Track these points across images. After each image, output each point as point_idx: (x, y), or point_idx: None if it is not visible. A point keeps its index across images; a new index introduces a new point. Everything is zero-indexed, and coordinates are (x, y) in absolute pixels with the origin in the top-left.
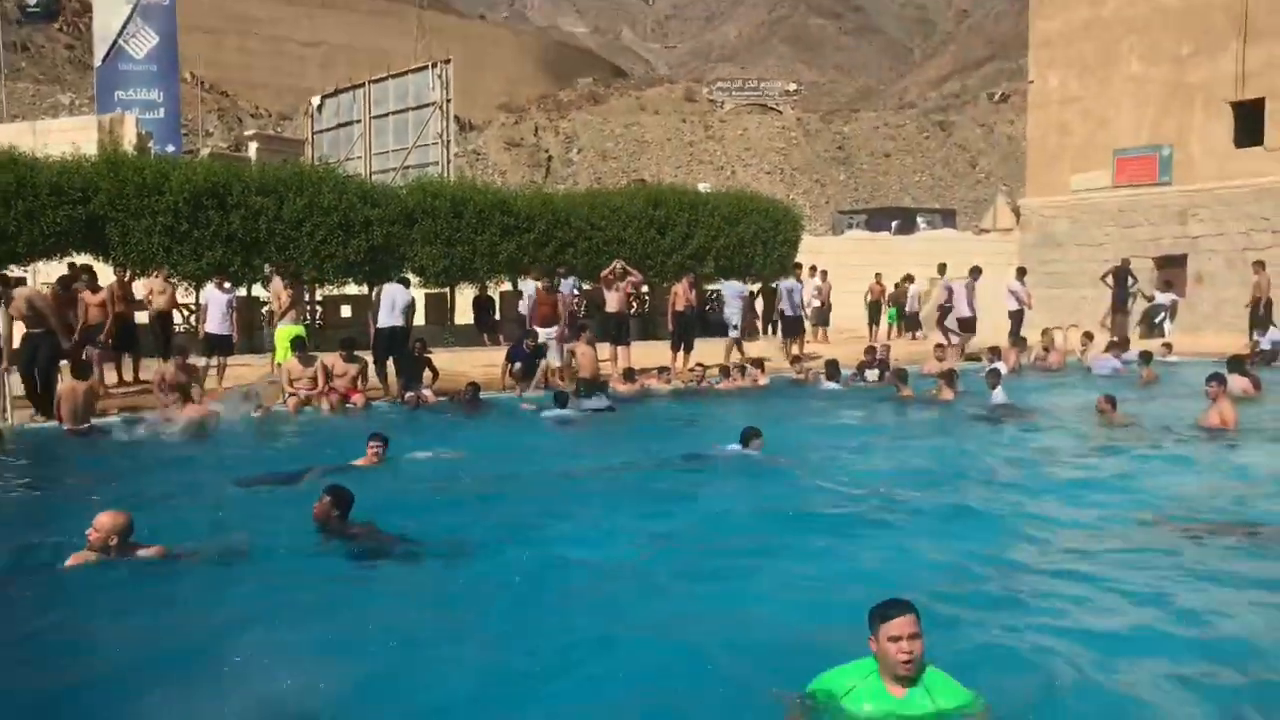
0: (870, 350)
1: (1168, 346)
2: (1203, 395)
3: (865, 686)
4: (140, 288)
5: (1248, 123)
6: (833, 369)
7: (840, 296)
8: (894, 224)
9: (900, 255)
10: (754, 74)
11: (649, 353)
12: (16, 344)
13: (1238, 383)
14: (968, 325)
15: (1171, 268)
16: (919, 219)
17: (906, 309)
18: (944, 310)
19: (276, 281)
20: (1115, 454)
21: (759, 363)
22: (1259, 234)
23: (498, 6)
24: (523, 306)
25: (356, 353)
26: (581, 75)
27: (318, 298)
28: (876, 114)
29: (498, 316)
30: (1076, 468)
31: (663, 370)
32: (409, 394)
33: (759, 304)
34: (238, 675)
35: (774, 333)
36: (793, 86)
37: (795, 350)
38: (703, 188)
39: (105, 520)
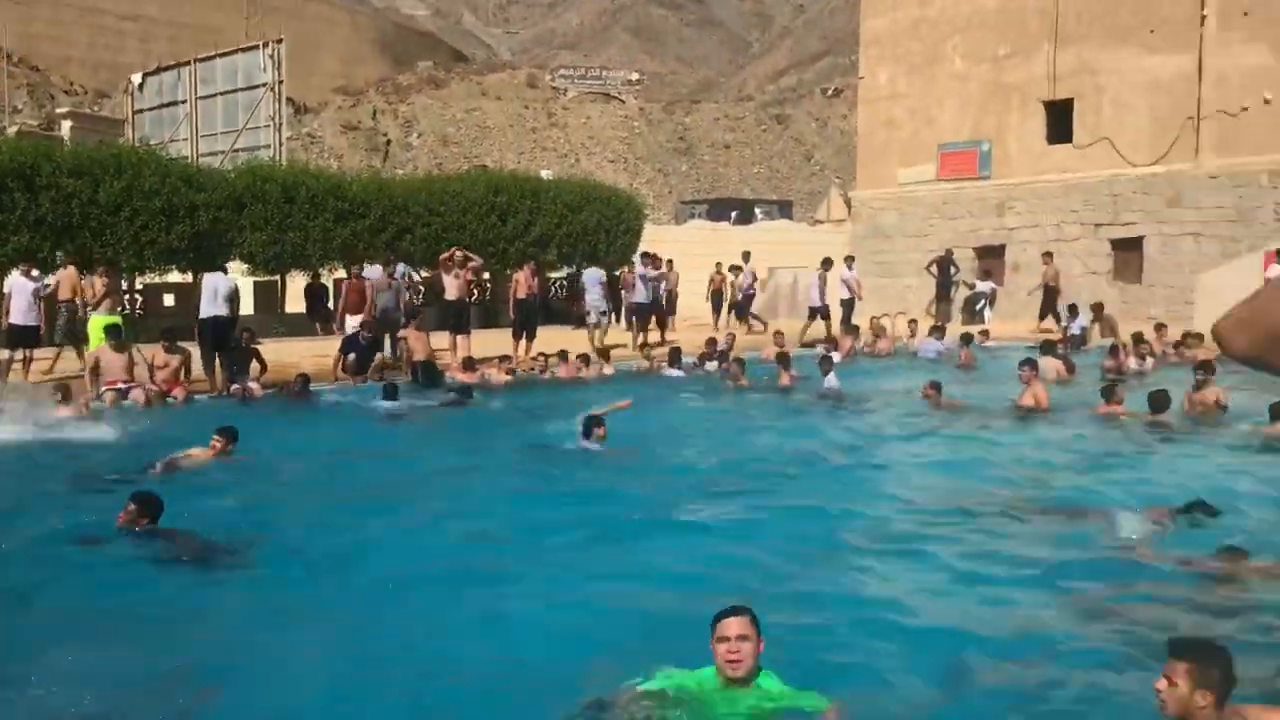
0: (711, 341)
1: (985, 334)
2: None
3: (702, 688)
4: None
5: (1059, 121)
6: (675, 356)
7: (683, 285)
8: (733, 214)
9: (739, 245)
10: (596, 62)
11: (490, 341)
12: None
13: (1050, 365)
14: (821, 313)
15: (991, 257)
16: (757, 210)
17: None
18: (748, 298)
19: (71, 271)
20: (939, 437)
21: (605, 352)
22: (1069, 225)
23: None
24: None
25: (180, 344)
26: (422, 59)
27: (137, 286)
28: (717, 105)
29: (330, 305)
30: (904, 450)
31: (504, 359)
32: (234, 386)
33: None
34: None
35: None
36: (635, 76)
37: (643, 338)
38: (545, 175)
39: None
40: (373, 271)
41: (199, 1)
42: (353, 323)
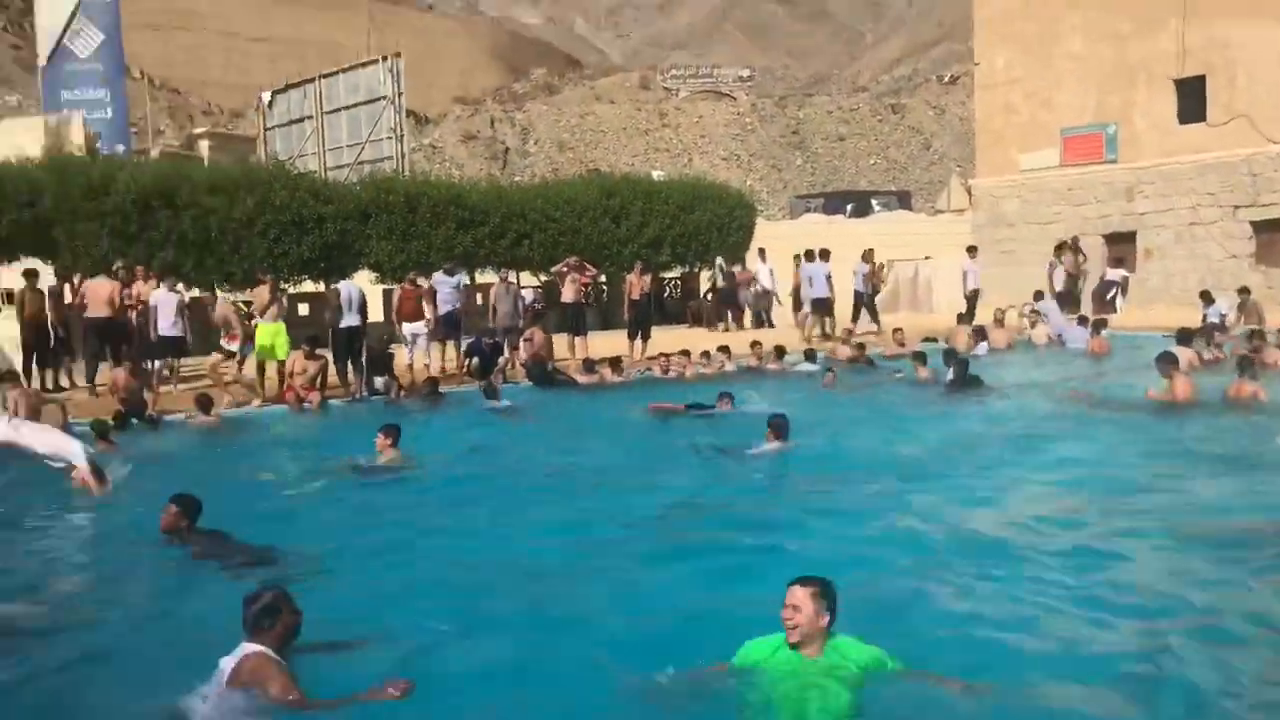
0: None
1: (1101, 323)
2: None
3: (777, 655)
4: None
5: (1190, 99)
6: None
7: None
8: (849, 207)
9: (856, 238)
10: (708, 61)
11: (608, 343)
12: None
13: (1185, 355)
14: (823, 306)
15: (1121, 244)
16: (874, 202)
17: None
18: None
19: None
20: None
21: (725, 349)
22: (1205, 208)
23: None
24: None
25: (318, 351)
26: (536, 66)
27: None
28: (830, 98)
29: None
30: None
31: (616, 360)
32: (378, 387)
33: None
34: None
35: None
36: (746, 72)
37: (816, 331)
38: (657, 175)
39: None
40: (439, 278)
41: (323, 20)
42: (412, 329)
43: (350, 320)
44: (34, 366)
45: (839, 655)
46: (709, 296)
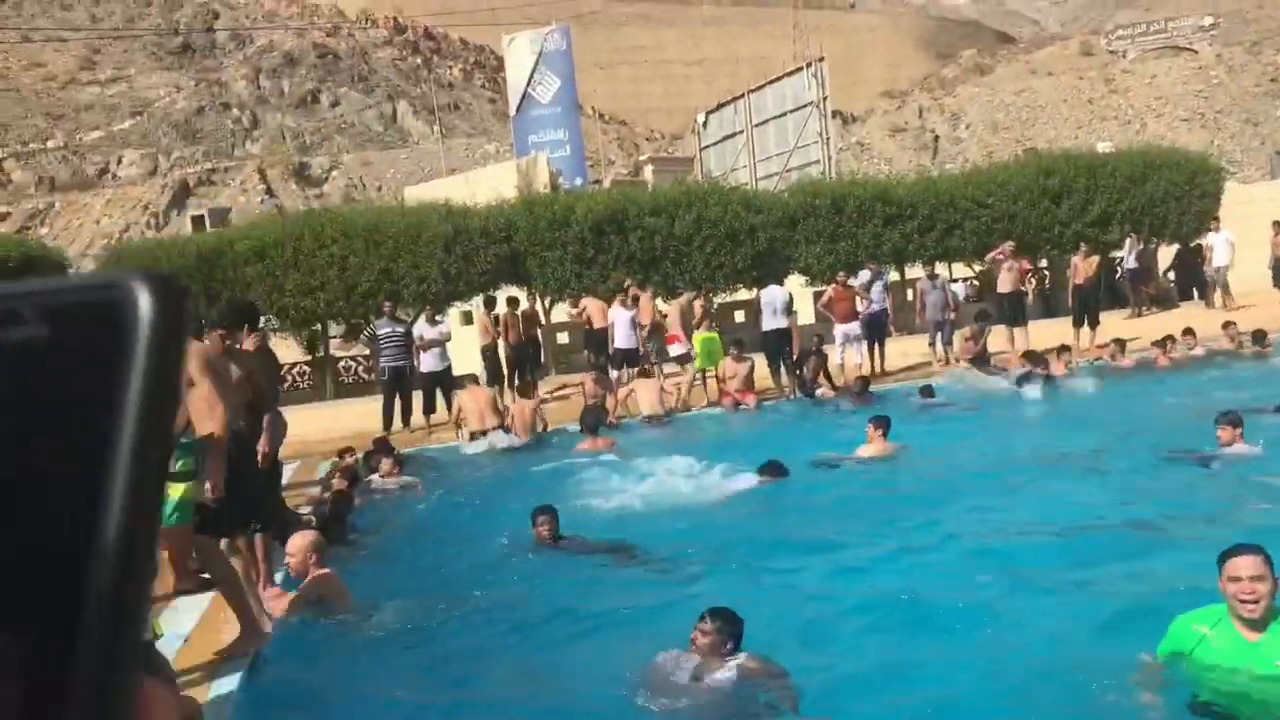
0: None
1: None
2: None
3: (1215, 634)
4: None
5: None
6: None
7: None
8: None
9: None
10: (1160, 15)
11: (1051, 332)
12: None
13: None
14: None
15: None
16: None
17: None
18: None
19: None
20: None
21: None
22: None
23: None
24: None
25: (745, 355)
26: (965, 49)
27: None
28: None
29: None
30: None
31: (1063, 350)
32: (820, 390)
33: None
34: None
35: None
36: (1209, 20)
37: None
38: (1102, 147)
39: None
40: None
41: (750, 36)
42: (844, 329)
43: (777, 323)
44: (507, 377)
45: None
46: (1169, 274)
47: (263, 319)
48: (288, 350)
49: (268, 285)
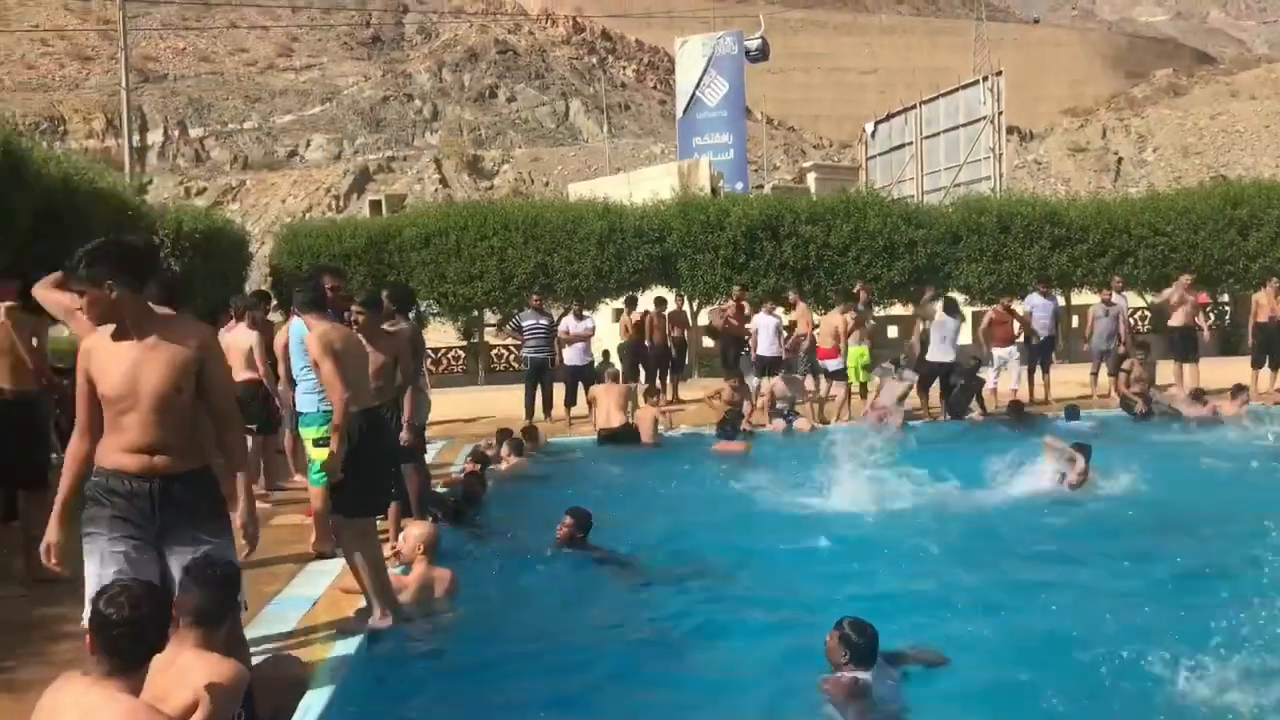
0: None
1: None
2: None
3: None
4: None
5: None
6: None
7: None
8: None
9: None
10: None
11: (1228, 372)
12: None
13: None
14: None
15: None
16: None
17: None
18: None
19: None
20: None
21: None
22: None
23: (1063, 7)
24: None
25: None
26: (1159, 68)
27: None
28: None
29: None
30: None
31: (1239, 390)
32: (973, 415)
33: None
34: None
35: None
36: None
37: None
38: None
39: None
40: (1034, 300)
41: (929, 46)
42: (1002, 353)
43: (944, 354)
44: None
45: None
46: None
47: (423, 303)
48: (444, 335)
49: (430, 272)
